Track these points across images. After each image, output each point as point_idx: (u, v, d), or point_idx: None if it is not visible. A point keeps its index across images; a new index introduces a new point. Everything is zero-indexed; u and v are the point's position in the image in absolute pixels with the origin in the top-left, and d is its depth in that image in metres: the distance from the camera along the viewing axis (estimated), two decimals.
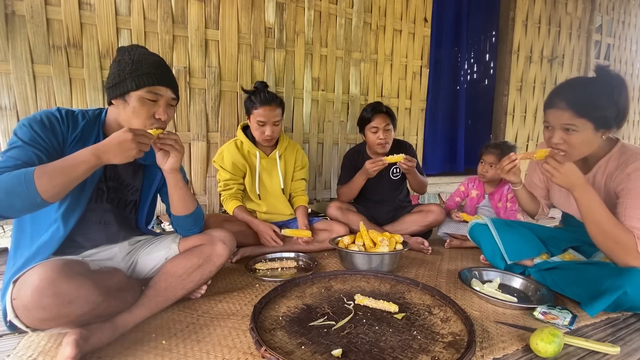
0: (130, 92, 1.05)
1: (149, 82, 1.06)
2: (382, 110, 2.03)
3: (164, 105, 1.11)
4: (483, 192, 2.21)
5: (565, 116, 1.20)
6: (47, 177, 0.87)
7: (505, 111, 3.59)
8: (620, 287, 1.15)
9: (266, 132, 1.79)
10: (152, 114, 1.09)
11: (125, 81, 1.05)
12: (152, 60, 1.09)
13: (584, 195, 1.18)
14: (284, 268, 1.64)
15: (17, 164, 0.91)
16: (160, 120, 1.11)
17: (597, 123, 1.19)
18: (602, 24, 4.08)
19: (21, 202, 0.87)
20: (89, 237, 1.13)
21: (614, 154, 1.28)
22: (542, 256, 1.54)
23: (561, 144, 1.25)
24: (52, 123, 1.01)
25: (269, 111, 1.77)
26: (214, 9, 2.19)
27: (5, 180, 0.86)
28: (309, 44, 2.55)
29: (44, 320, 0.86)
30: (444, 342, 1.02)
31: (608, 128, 1.21)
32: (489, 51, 4.07)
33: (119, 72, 1.06)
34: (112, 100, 1.09)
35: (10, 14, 1.72)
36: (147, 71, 1.06)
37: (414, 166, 1.92)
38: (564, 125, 1.22)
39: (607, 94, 1.17)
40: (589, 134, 1.20)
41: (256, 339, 0.94)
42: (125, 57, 1.07)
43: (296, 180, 2.04)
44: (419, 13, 3.02)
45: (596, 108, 1.17)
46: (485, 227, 1.62)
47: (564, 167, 1.18)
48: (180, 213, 1.25)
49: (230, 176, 1.87)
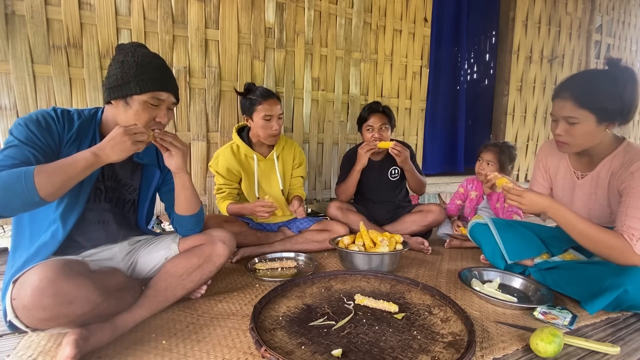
0: (134, 96, 1.05)
1: (153, 87, 1.06)
2: (378, 109, 2.03)
3: (165, 110, 1.12)
4: (482, 192, 2.21)
5: (568, 107, 1.20)
6: (46, 175, 0.87)
7: (505, 111, 3.59)
8: (621, 285, 1.15)
9: (273, 126, 1.77)
10: (153, 117, 1.10)
11: (128, 84, 1.04)
12: (157, 65, 1.09)
13: (558, 213, 1.21)
14: (284, 268, 1.64)
15: (15, 164, 0.91)
16: (160, 124, 1.12)
17: (599, 115, 1.18)
18: (602, 24, 4.08)
19: (19, 200, 0.87)
20: (89, 236, 1.13)
21: (619, 152, 1.28)
22: (543, 256, 1.54)
23: (563, 136, 1.25)
24: (48, 122, 1.01)
25: (273, 104, 1.76)
26: (214, 9, 2.19)
27: (4, 178, 0.85)
28: (309, 44, 2.55)
29: (43, 320, 0.86)
30: (444, 342, 1.02)
31: (612, 121, 1.20)
32: (489, 51, 4.07)
33: (122, 73, 1.05)
34: (111, 100, 1.08)
35: (10, 14, 1.72)
36: (151, 76, 1.06)
37: (405, 154, 1.92)
38: (566, 117, 1.22)
39: (612, 86, 1.16)
40: (591, 126, 1.20)
41: (256, 339, 0.94)
42: (129, 58, 1.06)
43: (294, 177, 2.03)
44: (419, 13, 3.02)
45: (598, 100, 1.17)
46: (485, 227, 1.62)
47: (525, 197, 1.23)
48: (184, 213, 1.26)
49: (224, 181, 1.85)
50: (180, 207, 1.25)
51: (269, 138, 1.81)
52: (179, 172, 1.18)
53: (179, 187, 1.21)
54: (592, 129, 1.21)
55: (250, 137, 1.90)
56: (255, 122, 1.79)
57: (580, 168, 1.41)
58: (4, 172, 0.87)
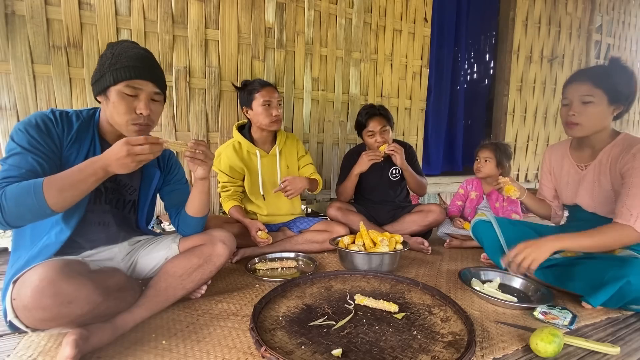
0: (110, 87, 1.03)
1: (126, 75, 1.02)
2: (376, 113, 2.01)
3: (145, 100, 1.06)
4: (482, 192, 2.21)
5: (584, 87, 1.33)
6: (56, 190, 0.88)
7: (505, 111, 3.59)
8: (624, 276, 1.16)
9: (273, 112, 1.77)
10: (132, 108, 1.04)
11: (104, 76, 1.02)
12: (133, 54, 1.05)
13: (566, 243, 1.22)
14: (284, 268, 1.64)
15: (22, 173, 0.92)
16: (142, 115, 1.05)
17: (611, 96, 1.31)
18: (602, 24, 4.08)
19: (31, 214, 0.89)
20: (89, 238, 1.13)
21: (618, 140, 1.37)
22: None
23: (577, 116, 1.35)
24: (48, 126, 1.01)
25: (272, 91, 1.78)
26: (214, 9, 2.19)
27: (15, 193, 0.87)
28: (309, 44, 2.55)
29: (44, 320, 0.86)
30: (444, 341, 1.02)
31: (619, 104, 1.33)
32: (489, 51, 4.07)
33: (99, 67, 1.04)
34: (96, 97, 1.08)
35: (10, 14, 1.72)
36: (125, 64, 1.02)
37: (401, 152, 1.92)
38: (582, 97, 1.33)
39: (622, 73, 1.32)
40: (604, 106, 1.32)
41: (256, 338, 0.94)
42: (107, 51, 1.05)
43: (303, 167, 2.03)
44: (419, 13, 3.02)
45: (611, 82, 1.31)
46: (488, 224, 1.63)
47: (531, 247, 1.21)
48: (195, 215, 1.27)
49: (228, 179, 1.86)
50: (194, 209, 1.26)
51: (270, 124, 1.80)
52: (203, 180, 1.20)
53: (198, 191, 1.23)
54: (604, 109, 1.32)
55: (252, 134, 1.90)
56: (255, 110, 1.79)
57: (582, 160, 1.49)
58: (14, 187, 0.88)
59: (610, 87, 1.30)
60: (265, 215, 1.92)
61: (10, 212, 0.87)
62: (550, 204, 1.66)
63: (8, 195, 0.87)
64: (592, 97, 1.31)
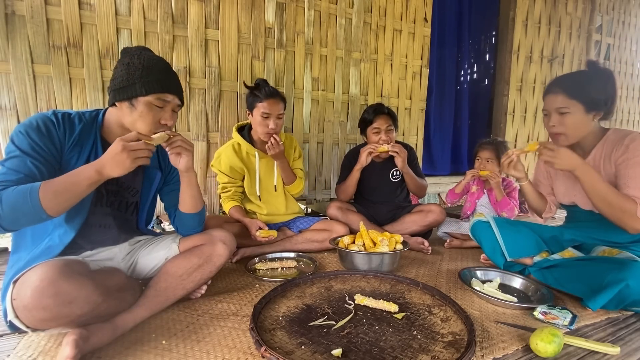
0: (139, 97, 1.05)
1: (158, 88, 1.06)
2: (383, 111, 2.03)
3: (170, 112, 1.12)
4: (483, 187, 2.22)
5: (559, 99, 1.34)
6: (51, 194, 0.88)
7: (505, 111, 3.59)
8: (623, 280, 1.16)
9: (270, 124, 1.78)
10: (158, 119, 1.10)
11: (134, 85, 1.04)
12: (162, 67, 1.10)
13: (585, 172, 1.27)
14: (284, 268, 1.64)
15: (19, 177, 0.92)
16: (166, 126, 1.12)
17: (587, 104, 1.31)
18: (602, 24, 4.08)
19: (27, 219, 0.90)
20: (90, 239, 1.13)
21: (608, 136, 1.38)
22: (542, 254, 1.55)
23: (557, 127, 1.36)
24: (49, 129, 1.00)
25: (274, 104, 1.78)
26: (214, 9, 2.19)
27: (11, 197, 0.87)
28: (309, 44, 2.55)
29: (44, 320, 0.86)
30: (444, 341, 1.02)
31: (598, 110, 1.34)
32: (489, 51, 4.07)
33: (127, 75, 1.05)
34: (116, 102, 1.08)
35: (10, 14, 1.72)
36: (157, 77, 1.06)
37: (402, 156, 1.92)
38: (558, 108, 1.34)
39: (595, 80, 1.33)
40: (581, 115, 1.33)
41: (256, 338, 0.94)
42: (135, 60, 1.06)
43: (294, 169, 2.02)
44: (419, 13, 3.02)
45: (585, 91, 1.31)
46: (487, 225, 1.63)
47: (560, 152, 1.28)
48: (188, 211, 1.27)
49: (228, 179, 1.87)
50: (186, 205, 1.26)
51: (264, 135, 1.82)
52: (188, 172, 1.19)
53: (185, 184, 1.22)
54: (582, 117, 1.34)
55: (251, 135, 1.91)
56: (254, 117, 1.82)
57: None
58: (10, 191, 0.88)
59: (585, 97, 1.30)
60: (265, 214, 1.93)
61: (5, 216, 0.87)
62: (547, 197, 1.65)
63: (4, 200, 0.87)
64: (567, 108, 1.32)
